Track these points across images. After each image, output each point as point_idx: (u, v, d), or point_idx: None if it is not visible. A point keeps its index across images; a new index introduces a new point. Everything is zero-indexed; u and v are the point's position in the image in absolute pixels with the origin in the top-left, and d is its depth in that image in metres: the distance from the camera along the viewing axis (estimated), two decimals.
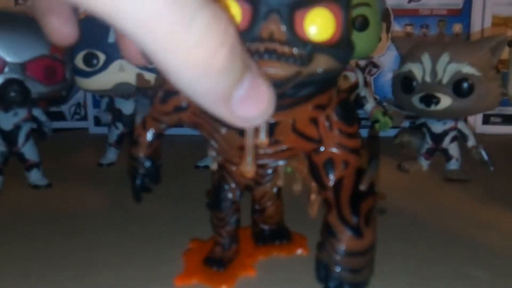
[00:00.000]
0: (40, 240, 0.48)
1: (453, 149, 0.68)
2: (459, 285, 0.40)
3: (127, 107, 0.71)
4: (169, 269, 0.41)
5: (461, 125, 0.67)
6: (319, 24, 0.25)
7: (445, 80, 0.62)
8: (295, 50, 0.25)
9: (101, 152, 0.74)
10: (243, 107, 0.13)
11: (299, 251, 0.45)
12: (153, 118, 0.37)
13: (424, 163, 0.70)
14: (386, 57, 0.90)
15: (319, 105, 0.30)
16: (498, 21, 0.91)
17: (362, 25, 0.64)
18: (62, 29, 0.16)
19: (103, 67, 0.64)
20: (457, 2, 0.90)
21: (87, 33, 0.34)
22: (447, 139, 0.68)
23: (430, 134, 0.68)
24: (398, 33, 0.90)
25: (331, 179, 0.32)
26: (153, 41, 0.12)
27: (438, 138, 0.68)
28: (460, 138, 0.68)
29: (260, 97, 0.14)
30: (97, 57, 0.64)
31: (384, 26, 0.79)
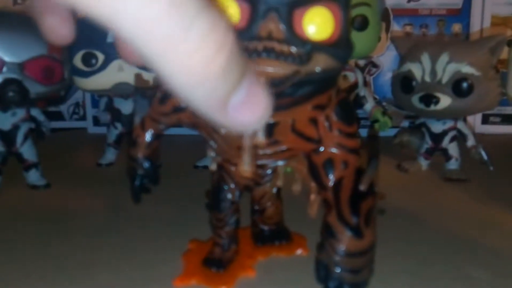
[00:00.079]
0: (39, 240, 0.48)
1: (453, 149, 0.68)
2: (459, 285, 0.40)
3: (126, 107, 0.71)
4: (169, 269, 0.41)
5: (461, 124, 0.67)
6: (318, 23, 0.25)
7: (444, 80, 0.62)
8: (293, 49, 0.24)
9: (100, 152, 0.74)
10: (240, 113, 0.13)
11: (299, 251, 0.44)
12: (152, 119, 0.37)
13: (424, 163, 0.70)
14: (385, 56, 0.90)
15: (318, 105, 0.30)
16: (497, 21, 0.91)
17: (361, 25, 0.64)
18: (59, 28, 0.16)
19: (102, 67, 0.64)
20: (457, 2, 0.90)
21: (85, 32, 0.34)
22: (447, 139, 0.68)
23: (430, 134, 0.68)
24: (397, 32, 0.89)
25: (331, 179, 0.32)
26: (149, 46, 0.12)
27: (438, 138, 0.68)
28: (459, 138, 0.68)
29: (258, 102, 0.13)
30: (96, 57, 0.64)
31: (383, 25, 0.79)
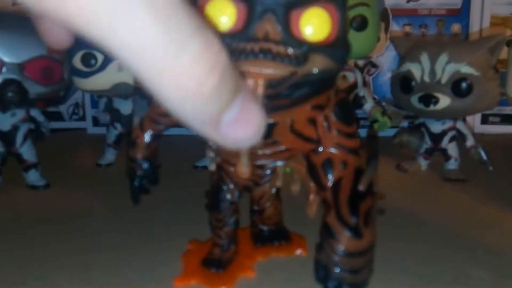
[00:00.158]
0: (39, 241, 0.48)
1: (452, 149, 0.68)
2: (459, 285, 0.39)
3: (125, 107, 0.71)
4: (168, 270, 0.41)
5: (460, 125, 0.67)
6: (314, 24, 0.25)
7: (444, 80, 0.62)
8: (290, 50, 0.24)
9: (100, 152, 0.74)
10: (232, 130, 0.13)
11: (298, 251, 0.44)
12: (151, 119, 0.37)
13: (423, 163, 0.70)
14: (385, 57, 0.90)
15: (317, 105, 0.30)
16: (496, 21, 0.91)
17: (360, 25, 0.64)
18: (57, 32, 0.16)
19: (101, 67, 0.64)
20: (456, 2, 0.90)
21: None
22: (446, 139, 0.68)
23: (429, 134, 0.68)
24: (396, 33, 0.90)
25: (330, 180, 0.32)
26: (142, 65, 0.12)
27: (437, 138, 0.68)
28: (459, 138, 0.68)
29: (251, 119, 0.13)
30: (95, 57, 0.64)
31: (382, 26, 0.79)
